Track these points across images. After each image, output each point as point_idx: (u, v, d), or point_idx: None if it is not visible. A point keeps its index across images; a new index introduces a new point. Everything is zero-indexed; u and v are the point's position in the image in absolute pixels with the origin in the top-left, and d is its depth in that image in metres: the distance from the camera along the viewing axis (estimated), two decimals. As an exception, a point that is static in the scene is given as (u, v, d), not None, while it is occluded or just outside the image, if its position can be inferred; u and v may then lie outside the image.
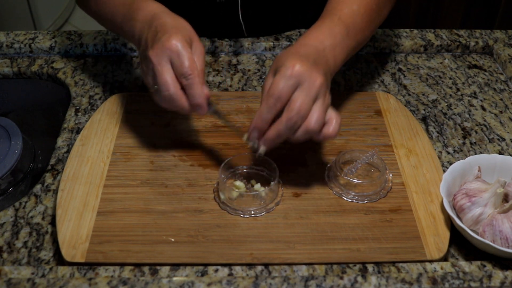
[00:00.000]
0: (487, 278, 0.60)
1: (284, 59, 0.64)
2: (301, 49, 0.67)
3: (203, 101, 0.66)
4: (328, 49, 0.69)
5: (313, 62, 0.64)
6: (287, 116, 0.61)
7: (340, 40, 0.70)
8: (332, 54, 0.69)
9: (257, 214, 0.67)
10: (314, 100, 0.62)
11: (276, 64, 0.65)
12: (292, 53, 0.65)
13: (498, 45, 0.99)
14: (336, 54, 0.70)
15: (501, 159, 0.70)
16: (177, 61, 0.65)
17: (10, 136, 0.86)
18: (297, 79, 0.62)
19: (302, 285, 0.59)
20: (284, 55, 0.65)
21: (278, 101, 0.61)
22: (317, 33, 0.70)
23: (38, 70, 0.94)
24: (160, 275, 0.61)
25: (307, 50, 0.67)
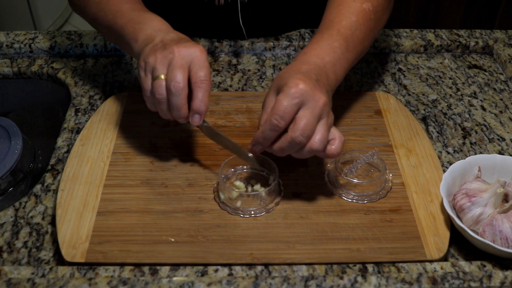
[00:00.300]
0: (487, 278, 0.60)
1: (286, 78, 0.63)
2: (302, 67, 0.66)
3: (205, 109, 0.66)
4: (329, 66, 0.68)
5: (316, 80, 0.64)
6: (292, 135, 0.61)
7: (340, 55, 0.70)
8: (332, 70, 0.69)
9: (257, 214, 0.67)
10: (318, 119, 0.62)
11: (278, 83, 0.64)
12: (294, 72, 0.65)
13: (498, 45, 1.00)
14: (336, 69, 0.69)
15: (501, 159, 0.70)
16: (198, 64, 0.65)
17: (10, 136, 0.86)
18: (301, 98, 0.61)
19: (302, 285, 0.59)
20: (285, 73, 0.65)
21: (282, 120, 0.61)
22: (317, 49, 0.70)
23: (38, 70, 0.94)
24: (160, 275, 0.61)
25: (308, 67, 0.66)
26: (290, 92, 0.61)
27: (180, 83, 0.64)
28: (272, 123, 0.61)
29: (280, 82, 0.64)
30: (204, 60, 0.65)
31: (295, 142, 0.61)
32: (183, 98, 0.65)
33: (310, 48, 0.70)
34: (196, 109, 0.66)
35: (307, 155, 0.64)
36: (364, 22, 0.74)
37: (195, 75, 0.65)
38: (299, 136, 0.61)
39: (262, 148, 0.65)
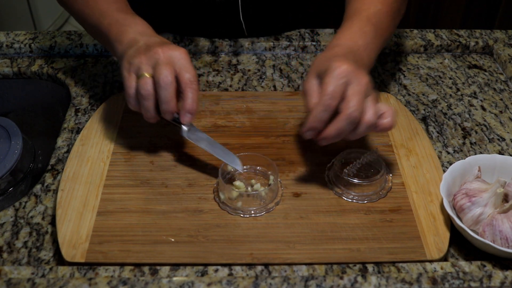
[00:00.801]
0: (487, 278, 0.60)
1: (327, 62, 0.65)
2: (338, 51, 0.68)
3: (197, 108, 0.68)
4: (362, 49, 0.71)
5: (354, 61, 0.66)
6: (347, 113, 0.63)
7: (371, 39, 0.73)
8: (366, 53, 0.71)
9: (257, 214, 0.67)
10: (365, 96, 0.64)
11: (318, 68, 0.66)
12: (333, 55, 0.67)
13: (498, 45, 1.00)
14: (369, 53, 0.72)
15: (501, 159, 0.70)
16: (184, 66, 0.67)
17: (10, 136, 0.86)
18: (347, 78, 0.63)
19: (302, 285, 0.59)
20: (323, 58, 0.67)
21: (334, 100, 0.63)
22: (349, 33, 0.72)
23: (38, 70, 0.94)
24: (160, 275, 0.61)
25: (344, 50, 0.69)
26: (335, 73, 0.63)
27: (168, 77, 0.66)
28: (325, 104, 0.63)
29: (320, 67, 0.66)
30: (189, 61, 0.68)
31: (351, 118, 0.63)
32: (172, 91, 0.66)
33: (342, 33, 0.73)
34: (188, 109, 0.68)
35: (364, 131, 0.65)
36: (388, 10, 0.77)
37: (183, 77, 0.67)
38: (355, 112, 0.62)
39: (315, 133, 0.65)
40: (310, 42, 0.98)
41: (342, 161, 0.73)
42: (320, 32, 1.00)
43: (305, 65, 0.95)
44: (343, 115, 0.63)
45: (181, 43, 0.97)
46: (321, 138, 0.65)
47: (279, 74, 0.93)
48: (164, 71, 0.66)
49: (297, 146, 0.77)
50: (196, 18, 0.98)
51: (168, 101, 0.67)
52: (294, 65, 0.96)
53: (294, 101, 0.85)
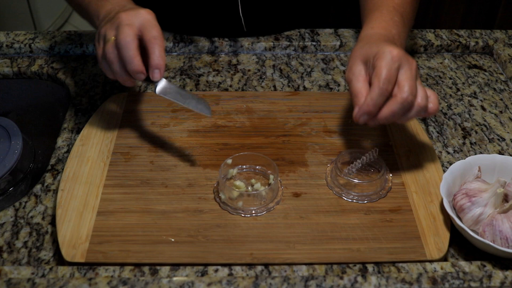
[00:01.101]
0: (487, 278, 0.60)
1: (376, 47, 0.66)
2: (380, 38, 0.70)
3: (164, 63, 0.68)
4: (397, 38, 0.73)
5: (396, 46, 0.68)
6: (402, 97, 0.64)
7: (401, 28, 0.75)
8: (399, 42, 0.73)
9: (258, 214, 0.67)
10: (416, 79, 0.66)
11: (364, 54, 0.67)
12: (379, 41, 0.68)
13: (498, 45, 1.00)
14: (401, 41, 0.74)
15: (501, 159, 0.70)
16: (148, 25, 0.67)
17: (10, 136, 0.86)
18: (399, 62, 0.65)
19: (302, 285, 0.59)
20: (368, 45, 0.68)
21: (390, 84, 0.64)
22: (382, 23, 0.75)
23: (38, 70, 0.94)
24: (160, 275, 0.61)
25: (385, 38, 0.71)
26: (389, 57, 0.65)
27: (128, 36, 0.66)
28: (381, 88, 0.64)
29: (367, 53, 0.67)
30: (153, 20, 0.68)
31: (406, 103, 0.64)
32: (133, 49, 0.66)
33: (375, 23, 0.75)
34: (155, 64, 0.67)
35: (415, 115, 0.66)
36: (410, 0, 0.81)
37: (147, 34, 0.67)
38: (409, 96, 0.64)
39: (369, 117, 0.66)
40: (310, 42, 0.98)
41: (342, 161, 0.73)
42: (320, 32, 1.00)
43: (305, 65, 0.95)
44: (399, 99, 0.64)
45: (181, 43, 0.97)
46: (374, 121, 0.66)
47: (279, 74, 0.93)
48: (124, 31, 0.66)
49: (297, 146, 0.77)
50: (195, 13, 0.98)
51: (130, 60, 0.66)
52: (294, 65, 0.96)
53: (294, 101, 0.85)
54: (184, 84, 0.91)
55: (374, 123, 0.66)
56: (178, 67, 0.95)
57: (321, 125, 0.81)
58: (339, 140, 0.78)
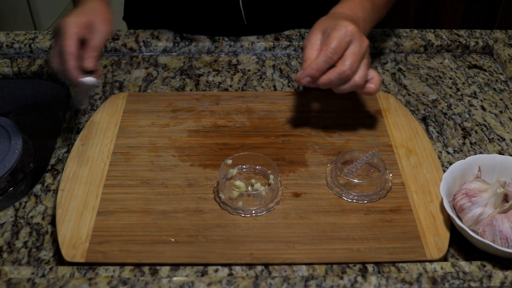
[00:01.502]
0: (487, 278, 0.60)
1: (334, 21, 0.71)
2: (343, 16, 0.74)
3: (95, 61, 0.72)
4: (361, 20, 0.77)
5: (357, 25, 0.72)
6: (341, 69, 0.70)
7: (369, 14, 0.80)
8: (363, 25, 0.77)
9: (258, 214, 0.67)
10: (362, 58, 0.71)
11: (325, 25, 0.72)
12: (339, 17, 0.73)
13: (498, 45, 1.00)
14: (365, 25, 0.78)
15: (501, 159, 0.70)
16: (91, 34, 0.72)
17: (10, 136, 0.86)
18: (351, 37, 0.70)
19: (302, 285, 0.59)
20: (330, 19, 0.73)
21: (336, 54, 0.69)
22: (350, 4, 0.78)
23: (38, 70, 0.94)
24: (160, 275, 0.61)
25: (347, 17, 0.74)
26: (343, 30, 0.70)
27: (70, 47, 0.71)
28: (327, 56, 0.69)
29: (326, 25, 0.72)
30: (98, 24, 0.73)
31: (343, 75, 0.70)
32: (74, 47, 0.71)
33: (344, 4, 0.79)
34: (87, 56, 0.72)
35: (349, 89, 0.72)
36: None
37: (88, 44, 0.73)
38: (348, 70, 0.69)
39: (311, 80, 0.70)
40: (310, 42, 0.98)
41: (342, 161, 0.73)
42: (320, 32, 1.00)
43: (305, 65, 0.95)
44: (338, 70, 0.70)
45: (181, 43, 0.97)
46: (313, 84, 0.71)
47: (279, 74, 0.93)
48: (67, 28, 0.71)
49: (297, 146, 0.77)
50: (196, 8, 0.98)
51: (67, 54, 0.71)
52: (294, 65, 0.96)
53: (294, 101, 0.85)
54: (184, 84, 0.91)
55: (313, 86, 0.71)
56: (178, 67, 0.95)
57: (321, 125, 0.81)
58: (339, 140, 0.78)
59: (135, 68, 0.94)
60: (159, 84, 0.91)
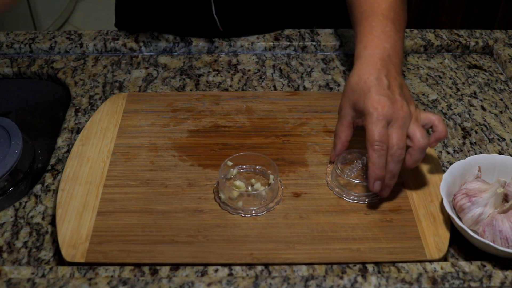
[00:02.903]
0: (487, 278, 0.60)
1: (363, 97, 0.67)
2: (371, 69, 0.69)
3: None
4: (391, 51, 0.72)
5: (387, 85, 0.68)
6: (390, 153, 0.65)
7: (395, 37, 0.73)
8: (395, 54, 0.72)
9: (258, 214, 0.67)
10: (406, 126, 0.66)
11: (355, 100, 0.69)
12: (368, 85, 0.68)
13: (498, 45, 1.00)
14: (397, 52, 0.73)
15: (501, 159, 0.70)
16: None
17: (10, 136, 0.86)
18: (386, 118, 0.65)
19: (302, 285, 0.59)
20: (359, 87, 0.69)
21: (383, 143, 0.65)
22: (374, 40, 0.73)
23: (38, 70, 0.94)
24: (160, 275, 0.61)
25: (377, 66, 0.70)
26: (374, 118, 0.65)
27: None
28: (377, 151, 0.65)
29: (357, 100, 0.68)
30: None
31: (396, 158, 0.65)
32: None
33: (367, 42, 0.73)
34: None
35: (420, 157, 0.67)
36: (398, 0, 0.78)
37: None
38: (397, 150, 0.65)
39: (382, 182, 0.66)
40: (310, 42, 0.98)
41: (342, 162, 0.73)
42: (320, 32, 1.01)
43: (305, 65, 0.95)
44: (388, 158, 0.65)
45: (182, 43, 0.97)
46: (385, 190, 0.67)
47: (279, 74, 0.93)
48: None
49: (297, 146, 0.77)
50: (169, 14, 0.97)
51: None
52: (294, 65, 0.96)
53: (294, 101, 0.85)
54: (184, 84, 0.91)
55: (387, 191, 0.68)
56: (178, 67, 0.95)
57: (321, 125, 0.81)
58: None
59: (135, 68, 0.94)
60: (159, 84, 0.91)
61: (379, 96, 0.67)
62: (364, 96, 0.68)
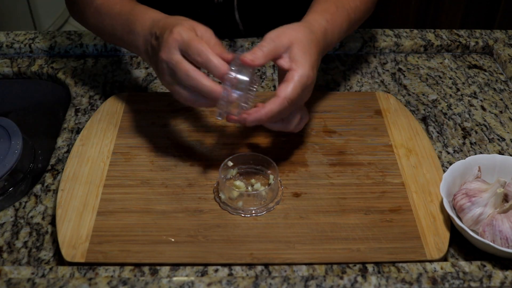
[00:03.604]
0: (487, 278, 0.60)
1: (301, 61, 0.65)
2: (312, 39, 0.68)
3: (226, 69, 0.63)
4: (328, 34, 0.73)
5: (317, 59, 0.68)
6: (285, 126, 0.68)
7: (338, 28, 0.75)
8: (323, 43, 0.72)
9: (258, 214, 0.67)
10: None
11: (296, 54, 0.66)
12: (307, 52, 0.66)
13: (498, 45, 1.00)
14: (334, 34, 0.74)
15: (501, 159, 0.70)
16: (184, 46, 0.63)
17: (10, 136, 0.86)
18: (307, 88, 0.66)
19: (302, 285, 0.59)
20: (300, 48, 0.66)
21: (292, 106, 0.65)
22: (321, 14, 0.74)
23: (38, 70, 0.94)
24: (160, 275, 0.61)
25: (315, 38, 0.69)
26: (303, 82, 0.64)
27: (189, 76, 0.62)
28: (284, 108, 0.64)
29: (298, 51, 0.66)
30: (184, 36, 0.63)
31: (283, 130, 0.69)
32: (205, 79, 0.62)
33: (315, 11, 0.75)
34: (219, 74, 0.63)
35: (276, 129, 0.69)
36: None
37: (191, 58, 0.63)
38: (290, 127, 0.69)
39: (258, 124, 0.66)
40: (310, 42, 0.98)
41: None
42: (320, 32, 1.00)
43: (305, 65, 0.95)
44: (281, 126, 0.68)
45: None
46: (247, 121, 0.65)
47: (279, 74, 0.93)
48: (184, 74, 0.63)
49: (297, 146, 0.77)
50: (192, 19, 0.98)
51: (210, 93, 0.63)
52: (294, 65, 0.95)
53: (294, 101, 0.85)
54: (184, 84, 0.91)
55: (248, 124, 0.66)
56: (178, 67, 0.94)
57: (321, 125, 0.81)
58: (339, 140, 0.78)
59: (135, 68, 0.94)
60: (159, 84, 0.91)
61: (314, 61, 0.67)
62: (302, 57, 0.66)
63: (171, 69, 0.64)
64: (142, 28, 0.70)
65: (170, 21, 0.67)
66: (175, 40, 0.63)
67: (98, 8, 0.78)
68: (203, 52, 0.62)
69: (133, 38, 0.72)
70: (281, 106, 0.64)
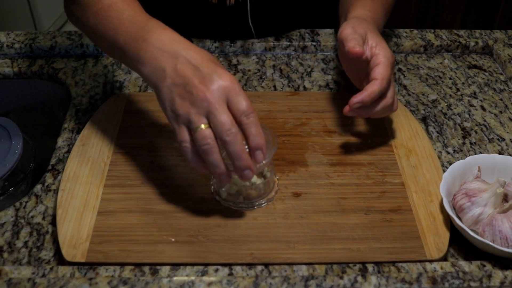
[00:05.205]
0: (487, 278, 0.61)
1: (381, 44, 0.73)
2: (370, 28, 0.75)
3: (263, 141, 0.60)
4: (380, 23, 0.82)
5: None
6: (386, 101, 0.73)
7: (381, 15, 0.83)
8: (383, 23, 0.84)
9: (262, 205, 0.67)
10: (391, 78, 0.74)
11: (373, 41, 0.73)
12: (379, 36, 0.75)
13: (498, 45, 1.00)
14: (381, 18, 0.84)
15: (501, 159, 0.70)
16: (235, 96, 0.59)
17: (10, 136, 0.86)
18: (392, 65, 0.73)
19: (302, 285, 0.59)
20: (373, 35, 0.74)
21: (388, 84, 0.71)
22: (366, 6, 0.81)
23: (39, 70, 0.94)
24: (161, 275, 0.61)
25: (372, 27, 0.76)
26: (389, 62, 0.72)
27: (232, 129, 0.57)
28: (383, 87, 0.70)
29: (373, 37, 0.73)
30: (239, 88, 0.59)
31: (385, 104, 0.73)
32: (241, 143, 0.58)
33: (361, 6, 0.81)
34: (255, 145, 0.59)
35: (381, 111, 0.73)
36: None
37: (237, 111, 0.58)
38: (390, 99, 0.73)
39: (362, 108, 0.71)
40: (310, 42, 0.98)
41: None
42: (320, 32, 1.01)
43: (305, 65, 0.95)
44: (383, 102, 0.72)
45: (181, 43, 0.97)
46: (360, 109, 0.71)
47: (279, 74, 0.93)
48: (225, 123, 0.57)
49: (297, 146, 0.77)
50: (204, 22, 0.98)
51: (239, 156, 0.58)
52: (294, 65, 0.96)
53: (294, 101, 0.85)
54: (184, 84, 0.91)
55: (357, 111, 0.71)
56: (178, 67, 0.94)
57: (321, 125, 0.81)
58: (339, 140, 0.78)
59: (135, 68, 0.94)
60: (159, 84, 0.91)
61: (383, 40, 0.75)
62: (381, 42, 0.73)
63: (206, 109, 0.58)
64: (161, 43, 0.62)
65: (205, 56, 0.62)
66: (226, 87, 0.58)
67: (105, 8, 0.69)
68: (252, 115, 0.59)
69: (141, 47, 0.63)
70: (380, 86, 0.70)
